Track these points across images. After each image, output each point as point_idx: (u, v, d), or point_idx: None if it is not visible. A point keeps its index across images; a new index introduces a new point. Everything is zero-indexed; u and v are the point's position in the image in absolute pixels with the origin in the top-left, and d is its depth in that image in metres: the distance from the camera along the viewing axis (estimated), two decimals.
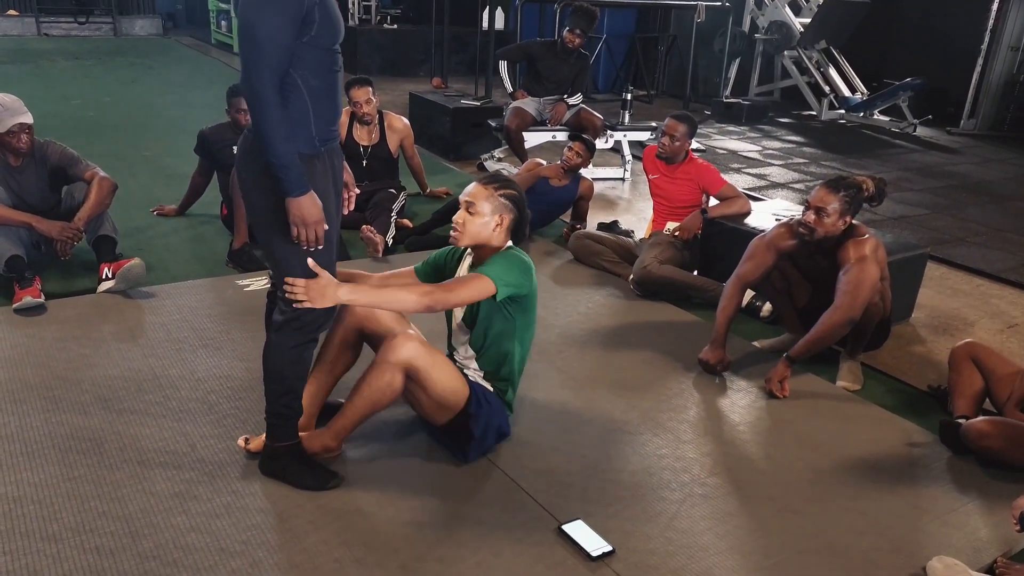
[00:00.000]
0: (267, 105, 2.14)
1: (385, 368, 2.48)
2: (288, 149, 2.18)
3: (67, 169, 3.92)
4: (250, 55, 2.12)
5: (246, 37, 2.13)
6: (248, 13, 2.11)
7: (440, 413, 2.62)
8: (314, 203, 2.24)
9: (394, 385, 2.49)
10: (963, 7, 10.08)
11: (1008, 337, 4.04)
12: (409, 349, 2.48)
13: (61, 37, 14.72)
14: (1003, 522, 2.47)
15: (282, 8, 2.11)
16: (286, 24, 2.13)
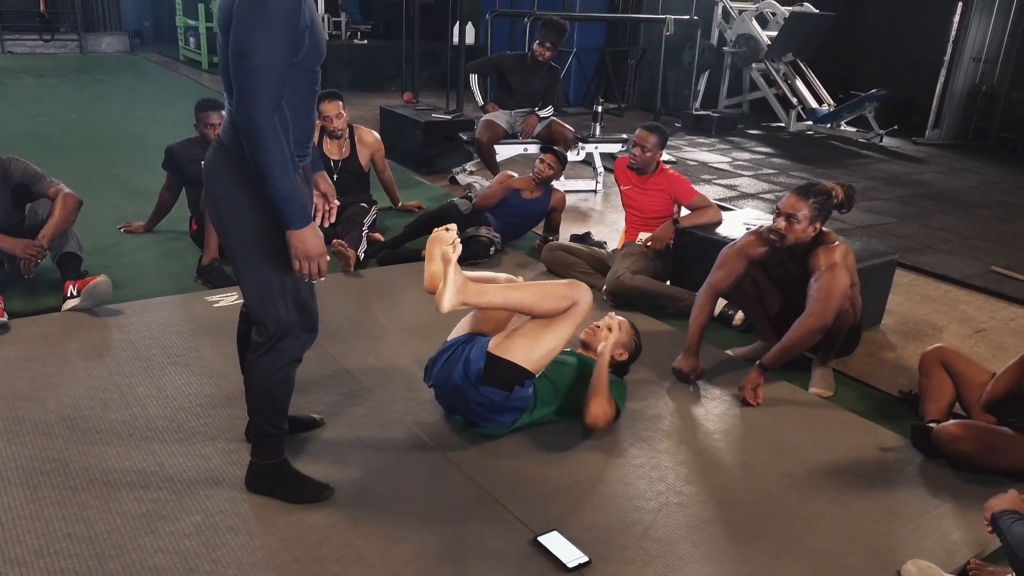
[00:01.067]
0: (267, 137, 2.06)
1: (569, 288, 2.70)
2: (290, 182, 2.11)
3: (31, 186, 3.86)
4: (247, 84, 2.03)
5: (242, 66, 2.03)
6: (242, 40, 2.01)
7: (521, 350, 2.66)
8: (316, 235, 2.21)
9: (563, 303, 2.66)
10: (925, 19, 10.27)
11: (976, 342, 4.09)
12: (589, 297, 2.73)
13: (25, 55, 14.54)
14: (976, 524, 2.48)
15: (279, 34, 2.03)
16: (283, 50, 2.06)
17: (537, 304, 2.64)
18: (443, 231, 2.61)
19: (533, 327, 2.67)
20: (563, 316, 2.65)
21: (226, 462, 2.63)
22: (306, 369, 3.25)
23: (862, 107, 10.01)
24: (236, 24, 2.03)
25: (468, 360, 2.71)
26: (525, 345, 2.66)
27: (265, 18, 2.00)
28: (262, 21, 2.00)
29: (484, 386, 2.69)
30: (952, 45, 9.84)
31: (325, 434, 2.83)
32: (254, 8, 1.99)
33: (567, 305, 2.65)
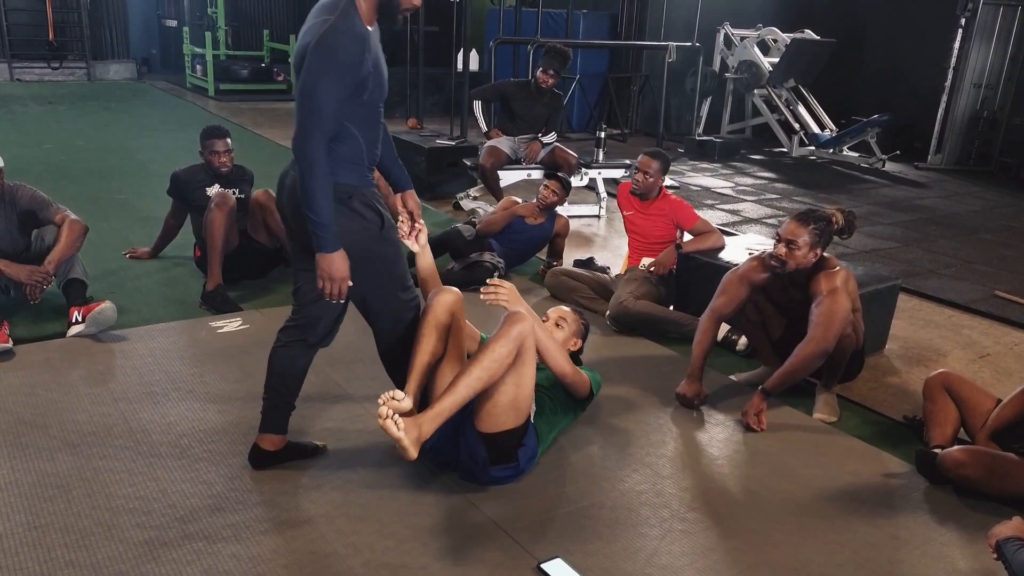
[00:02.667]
0: (316, 167, 2.35)
1: (507, 341, 2.55)
2: (329, 210, 2.39)
3: (37, 212, 3.89)
4: (307, 119, 2.33)
5: (305, 103, 2.33)
6: (308, 83, 2.33)
7: (506, 415, 2.62)
8: (343, 262, 2.45)
9: (509, 359, 2.56)
10: (926, 45, 10.34)
11: (981, 367, 4.07)
12: (527, 326, 2.61)
13: (34, 82, 14.69)
14: (981, 552, 2.47)
15: (341, 81, 2.34)
16: (342, 94, 2.36)
17: (490, 378, 2.55)
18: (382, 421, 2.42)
19: (502, 389, 2.59)
20: (519, 361, 2.59)
21: (229, 488, 2.63)
22: (308, 393, 3.26)
23: (864, 132, 10.05)
24: (307, 66, 2.34)
25: (470, 454, 2.67)
26: (508, 408, 2.61)
27: (332, 65, 2.32)
28: (329, 68, 2.32)
29: (494, 468, 2.68)
30: (953, 71, 9.89)
31: (327, 459, 2.83)
32: (324, 56, 2.32)
33: (515, 354, 2.58)
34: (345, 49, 2.34)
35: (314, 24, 2.40)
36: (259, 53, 15.53)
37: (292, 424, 2.83)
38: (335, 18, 2.35)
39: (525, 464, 2.75)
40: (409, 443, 2.39)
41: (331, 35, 2.33)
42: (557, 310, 3.24)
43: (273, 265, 4.75)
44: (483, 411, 2.61)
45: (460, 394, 2.52)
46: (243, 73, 14.20)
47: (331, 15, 2.36)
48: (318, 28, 2.36)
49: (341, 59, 2.33)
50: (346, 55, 2.34)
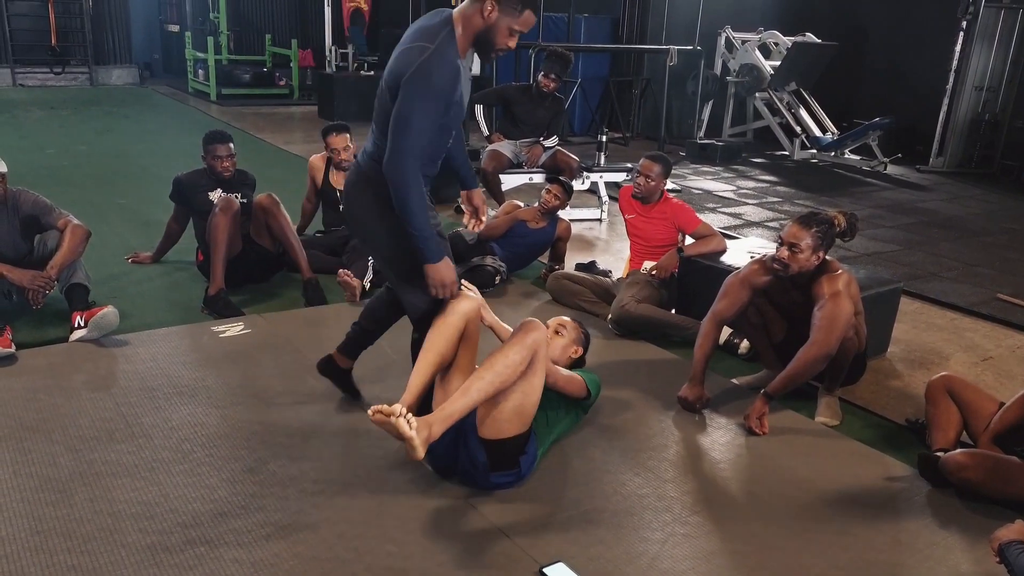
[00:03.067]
0: (412, 187, 2.58)
1: (521, 348, 2.56)
2: (426, 223, 2.64)
3: (40, 217, 3.89)
4: (402, 141, 2.55)
5: (400, 127, 2.55)
6: (405, 108, 2.54)
7: (510, 422, 2.62)
8: (449, 268, 2.71)
9: (523, 366, 2.57)
10: (927, 48, 10.34)
11: (983, 370, 4.07)
12: (542, 334, 2.63)
13: (37, 87, 14.73)
14: (984, 557, 2.46)
15: (436, 109, 2.56)
16: (435, 121, 2.58)
17: (503, 383, 2.55)
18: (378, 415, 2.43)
19: (510, 396, 2.59)
20: (530, 369, 2.59)
21: (231, 493, 2.63)
22: (312, 399, 3.28)
23: (866, 135, 10.05)
24: (405, 93, 2.54)
25: (470, 459, 2.66)
26: (513, 416, 2.61)
27: (429, 93, 2.53)
28: (426, 96, 2.53)
29: (494, 473, 2.68)
30: (954, 73, 9.89)
31: (330, 464, 2.83)
32: (421, 83, 2.52)
33: (528, 360, 2.58)
34: (441, 80, 2.53)
35: (411, 49, 2.57)
36: (261, 58, 15.58)
37: (299, 426, 2.85)
38: (434, 48, 2.53)
39: (526, 470, 2.75)
40: (419, 443, 2.39)
41: (428, 67, 2.52)
42: (556, 319, 3.27)
43: (276, 270, 4.76)
44: (488, 417, 2.61)
45: (472, 397, 2.53)
46: (245, 78, 14.24)
47: (430, 43, 2.55)
48: (415, 56, 2.54)
49: (437, 89, 2.53)
50: (441, 85, 2.54)
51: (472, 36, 2.64)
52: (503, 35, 2.63)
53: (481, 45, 2.67)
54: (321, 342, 3.88)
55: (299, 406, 3.23)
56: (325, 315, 4.29)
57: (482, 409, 2.61)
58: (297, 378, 3.48)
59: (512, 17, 2.61)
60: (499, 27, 2.62)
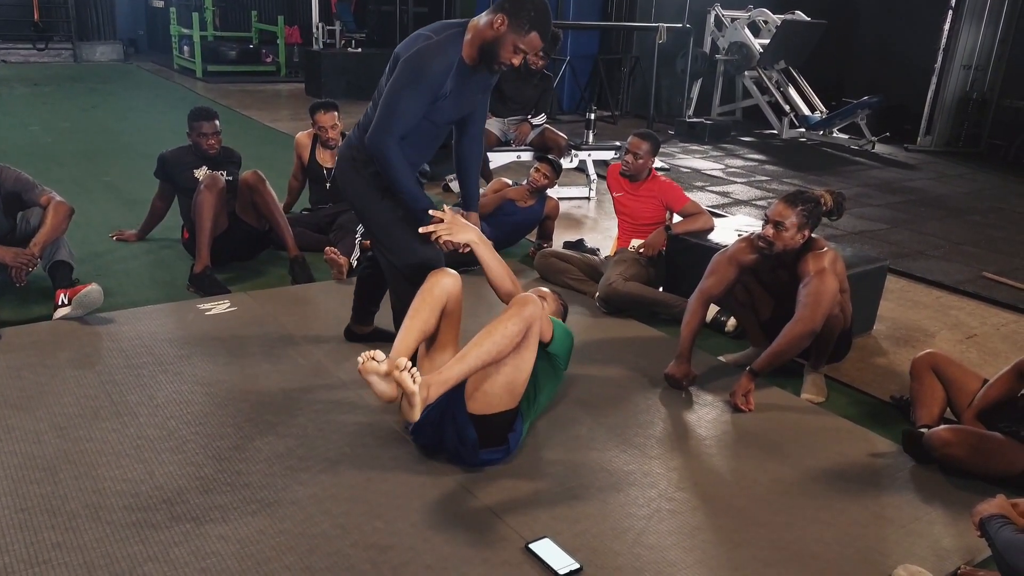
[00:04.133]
0: (394, 161, 2.79)
1: (519, 319, 2.56)
2: (414, 186, 2.89)
3: (22, 194, 3.85)
4: (385, 120, 2.73)
5: (387, 104, 2.73)
6: (396, 89, 2.71)
7: (500, 397, 2.62)
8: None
9: (519, 337, 2.57)
10: (916, 27, 10.32)
11: (967, 347, 4.10)
12: (538, 308, 2.63)
13: (19, 64, 14.54)
14: (966, 530, 2.48)
15: (423, 91, 2.71)
16: (420, 107, 2.75)
17: (499, 353, 2.55)
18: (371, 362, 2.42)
19: (502, 369, 2.59)
20: (523, 344, 2.59)
21: (217, 470, 2.62)
22: (298, 377, 3.27)
23: (854, 114, 10.05)
24: (397, 72, 2.71)
25: (459, 435, 2.65)
26: (503, 391, 2.61)
27: (419, 79, 2.70)
28: (415, 82, 2.70)
29: (484, 450, 2.67)
30: (943, 52, 9.89)
31: (316, 442, 2.83)
32: (414, 70, 2.70)
33: (523, 334, 2.58)
34: (433, 67, 2.69)
35: (419, 35, 2.78)
36: (247, 34, 15.41)
37: (285, 404, 2.85)
38: (437, 40, 2.72)
39: (514, 446, 2.76)
40: (419, 401, 2.39)
41: (425, 53, 2.69)
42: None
43: (262, 247, 4.73)
44: (478, 392, 2.61)
45: (470, 363, 2.52)
46: (231, 54, 14.09)
47: (436, 35, 2.74)
48: (419, 42, 2.73)
49: (428, 76, 2.69)
50: (432, 73, 2.70)
51: (479, 44, 2.78)
52: (507, 50, 2.76)
53: (486, 55, 2.79)
54: (307, 320, 3.88)
55: (285, 383, 3.23)
56: (312, 293, 4.27)
57: (472, 383, 2.60)
58: (283, 356, 3.47)
59: (518, 35, 2.74)
60: (505, 41, 2.75)
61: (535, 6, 2.75)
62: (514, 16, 2.71)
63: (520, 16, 2.72)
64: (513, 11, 2.72)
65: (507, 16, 2.71)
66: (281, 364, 3.39)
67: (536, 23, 2.74)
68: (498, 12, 2.73)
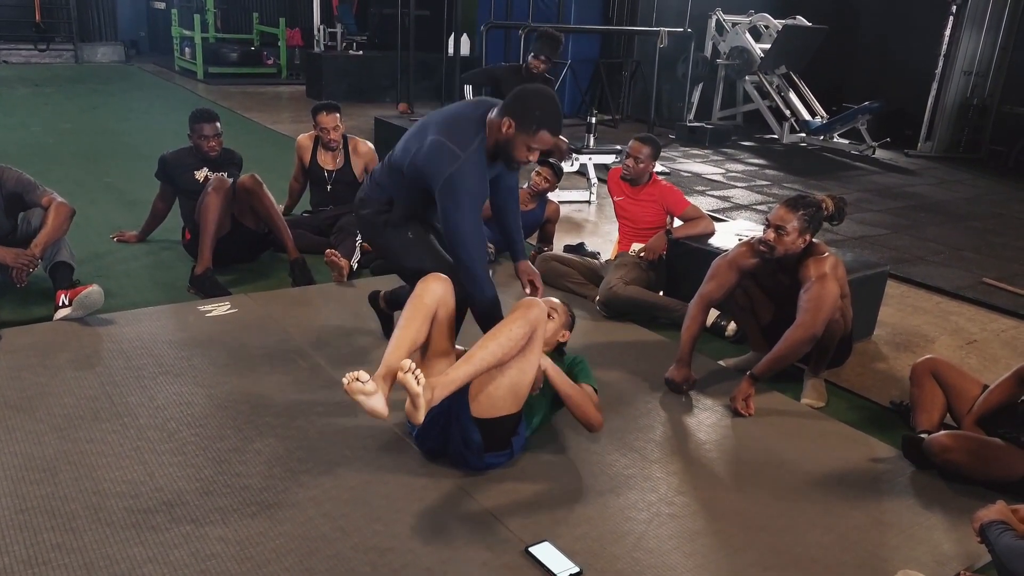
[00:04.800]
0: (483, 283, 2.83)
1: (524, 322, 2.57)
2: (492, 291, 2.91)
3: (23, 195, 3.85)
4: (463, 254, 2.78)
5: (455, 240, 2.77)
6: (452, 221, 2.75)
7: (504, 400, 2.62)
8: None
9: (523, 340, 2.57)
10: (917, 32, 10.34)
11: (968, 353, 4.10)
12: (542, 312, 2.65)
13: (21, 64, 14.56)
14: (966, 536, 2.48)
15: (472, 207, 2.76)
16: (476, 217, 2.78)
17: (504, 356, 2.55)
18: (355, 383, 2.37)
19: (506, 373, 2.60)
20: (528, 347, 2.60)
21: (216, 472, 2.62)
22: (298, 379, 3.27)
23: (855, 119, 10.06)
24: (442, 205, 2.75)
25: (463, 439, 2.65)
26: (508, 394, 2.61)
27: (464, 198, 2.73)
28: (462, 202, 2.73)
29: (488, 454, 2.67)
30: (943, 58, 9.91)
31: (317, 443, 2.83)
32: (455, 196, 2.72)
33: (527, 339, 2.59)
34: (472, 185, 2.75)
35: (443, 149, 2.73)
36: (248, 36, 15.44)
37: (286, 406, 2.85)
38: (464, 158, 2.72)
39: (517, 450, 2.76)
40: (424, 403, 2.38)
41: (459, 176, 2.71)
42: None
43: (263, 249, 4.73)
44: (482, 395, 2.61)
45: (476, 365, 2.52)
46: (232, 56, 14.12)
47: (462, 152, 2.72)
48: (446, 163, 2.71)
49: (470, 194, 2.74)
50: (473, 193, 2.76)
51: (494, 144, 2.80)
52: (520, 150, 2.79)
53: (501, 154, 2.83)
54: (308, 322, 3.88)
55: (285, 385, 3.23)
56: (312, 295, 4.28)
57: (476, 386, 2.60)
58: (284, 358, 3.47)
59: (527, 135, 2.75)
60: (516, 143, 2.77)
61: (540, 105, 2.75)
62: (521, 119, 2.72)
63: (527, 118, 2.72)
64: (520, 114, 2.73)
65: (513, 120, 2.72)
66: (281, 366, 3.39)
67: (543, 121, 2.74)
68: (505, 115, 2.74)
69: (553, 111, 2.78)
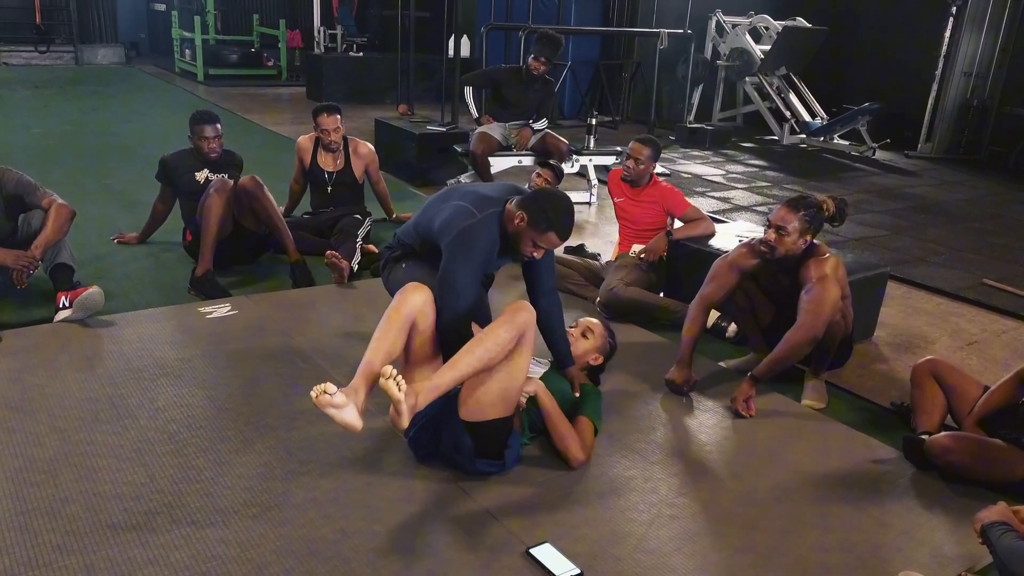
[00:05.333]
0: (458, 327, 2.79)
1: (511, 326, 2.57)
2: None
3: (24, 197, 3.85)
4: (451, 302, 2.78)
5: (446, 288, 2.79)
6: (449, 267, 2.81)
7: (493, 405, 2.61)
8: None
9: (511, 344, 2.56)
10: (917, 34, 10.34)
11: (968, 354, 4.10)
12: (531, 315, 2.64)
13: (21, 66, 14.56)
14: (967, 538, 2.48)
15: (474, 267, 2.84)
16: (476, 278, 2.87)
17: (491, 360, 2.54)
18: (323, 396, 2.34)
19: (495, 376, 2.58)
20: (516, 351, 2.58)
21: (217, 474, 2.62)
22: (298, 381, 3.27)
23: (855, 120, 10.06)
24: (446, 255, 2.83)
25: (454, 444, 2.64)
26: (496, 399, 2.60)
27: (469, 254, 2.82)
28: (466, 257, 2.82)
29: (480, 460, 2.66)
30: (944, 59, 9.91)
31: (317, 445, 2.83)
32: (462, 246, 2.81)
33: (516, 341, 2.58)
34: (479, 244, 2.82)
35: (461, 209, 2.86)
36: (248, 38, 15.44)
37: (286, 408, 2.87)
38: (480, 218, 2.83)
39: (511, 463, 2.74)
40: (406, 409, 2.37)
41: (471, 230, 2.81)
42: (588, 320, 3.22)
43: (263, 251, 4.73)
44: (471, 399, 2.60)
45: (461, 371, 2.52)
46: (232, 58, 14.13)
47: (479, 212, 2.84)
48: (460, 219, 2.83)
49: (475, 252, 2.82)
50: (479, 251, 2.83)
51: (506, 231, 2.87)
52: (527, 245, 2.84)
53: (510, 243, 2.89)
54: (308, 324, 3.88)
55: (286, 387, 3.23)
56: (313, 297, 4.27)
57: (465, 390, 2.60)
58: (284, 359, 3.47)
59: (536, 232, 2.80)
60: (524, 237, 2.83)
61: (554, 208, 2.80)
62: (534, 216, 2.78)
63: (540, 217, 2.78)
64: (534, 211, 2.78)
65: (526, 216, 2.78)
66: (282, 368, 3.39)
67: (554, 224, 2.78)
68: (519, 209, 2.81)
69: (566, 217, 2.83)
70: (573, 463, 2.80)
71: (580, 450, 2.80)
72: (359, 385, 2.48)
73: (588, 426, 2.89)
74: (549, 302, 3.07)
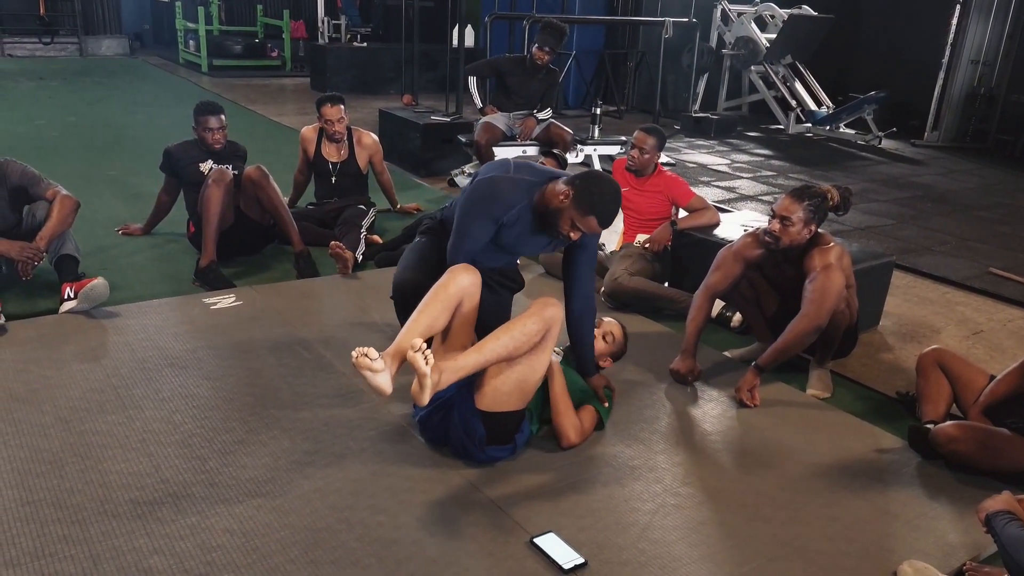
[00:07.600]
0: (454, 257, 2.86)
1: (539, 319, 2.56)
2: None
3: (28, 188, 3.85)
4: (457, 240, 2.88)
5: (457, 228, 2.88)
6: (464, 219, 2.87)
7: (511, 396, 2.61)
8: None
9: (537, 337, 2.56)
10: (923, 21, 10.28)
11: (974, 343, 4.08)
12: (559, 311, 2.63)
13: (25, 58, 14.56)
14: (972, 526, 2.48)
15: (487, 214, 2.84)
16: (487, 229, 2.87)
17: (516, 349, 2.54)
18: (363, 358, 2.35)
19: (515, 368, 2.58)
20: (540, 345, 2.58)
21: (222, 464, 2.63)
22: (303, 371, 3.27)
23: (861, 109, 10.01)
24: (465, 201, 2.90)
25: (466, 431, 2.64)
26: (515, 389, 2.60)
27: (484, 200, 2.85)
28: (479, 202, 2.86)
29: (491, 447, 2.67)
30: (950, 47, 9.85)
31: (321, 436, 2.83)
32: (480, 193, 2.87)
33: (541, 335, 2.57)
34: (499, 194, 2.83)
35: (499, 162, 2.96)
36: (253, 28, 15.42)
37: (290, 398, 2.88)
38: (512, 175, 2.85)
39: (520, 445, 2.76)
40: (429, 383, 2.37)
41: (496, 180, 2.83)
42: (612, 324, 3.22)
43: (267, 241, 4.73)
44: (488, 387, 2.60)
45: (486, 356, 2.51)
46: (236, 49, 14.10)
47: (513, 173, 2.87)
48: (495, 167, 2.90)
49: (492, 200, 2.82)
50: (499, 200, 2.83)
51: (543, 206, 2.80)
52: (566, 223, 2.76)
53: (545, 219, 2.81)
54: (312, 314, 3.88)
55: (290, 378, 3.23)
56: (317, 287, 4.28)
57: (484, 379, 2.60)
58: (288, 350, 3.47)
59: (578, 213, 2.73)
60: (564, 215, 2.75)
61: (601, 193, 2.74)
62: (579, 196, 2.71)
63: (584, 198, 2.70)
64: (580, 191, 2.71)
65: (573, 192, 2.71)
66: (286, 358, 3.40)
67: (597, 209, 2.73)
68: (567, 185, 2.75)
69: (612, 205, 2.77)
70: (563, 441, 2.82)
71: (573, 431, 2.82)
72: (395, 353, 2.50)
73: (592, 415, 2.90)
74: (582, 307, 2.99)
